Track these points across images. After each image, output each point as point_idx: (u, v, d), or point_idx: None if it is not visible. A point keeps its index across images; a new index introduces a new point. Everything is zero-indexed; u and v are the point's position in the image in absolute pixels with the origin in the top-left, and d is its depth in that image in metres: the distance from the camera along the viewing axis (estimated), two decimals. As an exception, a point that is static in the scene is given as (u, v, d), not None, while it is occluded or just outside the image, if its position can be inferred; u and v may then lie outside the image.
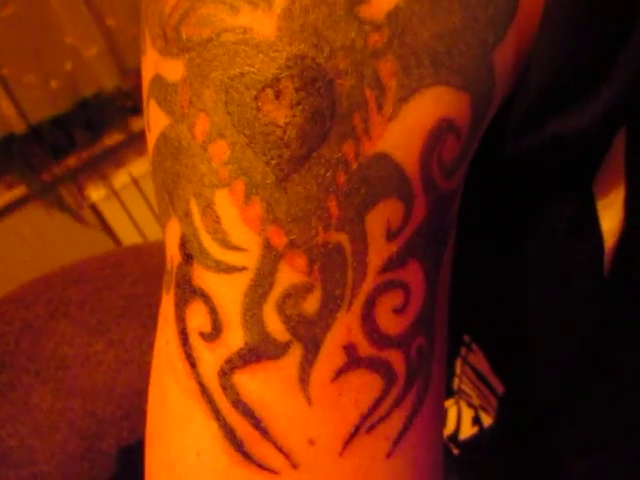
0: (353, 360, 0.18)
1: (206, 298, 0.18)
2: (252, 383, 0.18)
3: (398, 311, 0.19)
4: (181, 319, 0.19)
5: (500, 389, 0.35)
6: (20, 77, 1.21)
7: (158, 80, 0.18)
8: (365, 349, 0.18)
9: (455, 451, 0.42)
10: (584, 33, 0.19)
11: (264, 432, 0.18)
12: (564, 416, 0.35)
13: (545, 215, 0.25)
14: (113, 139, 1.38)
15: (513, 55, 0.19)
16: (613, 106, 0.20)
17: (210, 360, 0.18)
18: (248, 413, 0.18)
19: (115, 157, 1.42)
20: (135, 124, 1.40)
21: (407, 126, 0.17)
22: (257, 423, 0.18)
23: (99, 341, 0.80)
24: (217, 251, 0.18)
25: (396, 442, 0.19)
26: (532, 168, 0.23)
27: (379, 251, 0.18)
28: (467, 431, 0.41)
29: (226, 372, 0.18)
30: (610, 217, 0.24)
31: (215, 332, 0.18)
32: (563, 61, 0.19)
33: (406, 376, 0.19)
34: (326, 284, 0.18)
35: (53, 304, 0.79)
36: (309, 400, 0.18)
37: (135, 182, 1.43)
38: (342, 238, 0.17)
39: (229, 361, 0.18)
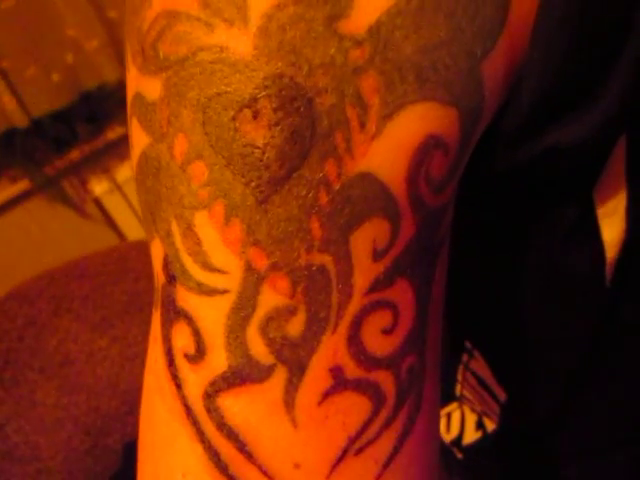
0: (340, 382, 0.18)
1: (189, 320, 0.18)
2: (236, 406, 0.18)
3: (386, 332, 0.18)
4: (167, 339, 0.19)
5: (502, 396, 0.35)
6: (21, 70, 1.21)
7: (139, 98, 0.18)
8: (352, 371, 0.18)
9: (459, 455, 0.42)
10: (579, 42, 0.18)
11: (249, 455, 0.18)
12: (564, 422, 0.35)
13: (545, 224, 0.24)
14: (116, 132, 1.37)
15: (504, 66, 0.18)
16: (610, 116, 0.19)
17: (194, 382, 0.18)
18: (232, 436, 0.18)
19: (118, 150, 1.41)
20: (137, 117, 1.39)
21: (392, 144, 0.17)
22: (242, 446, 0.18)
23: (103, 337, 0.80)
24: (199, 273, 0.17)
25: (386, 465, 0.19)
26: (529, 178, 0.23)
27: (365, 272, 0.17)
28: (471, 436, 0.40)
29: (210, 395, 0.18)
30: (611, 226, 0.24)
31: (199, 354, 0.18)
32: (558, 71, 0.19)
33: (396, 397, 0.19)
34: (310, 306, 0.17)
35: (57, 300, 0.79)
36: (294, 423, 0.18)
37: (138, 175, 1.43)
38: (326, 259, 0.17)
39: (213, 384, 0.18)
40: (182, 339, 0.18)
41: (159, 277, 0.19)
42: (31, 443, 0.75)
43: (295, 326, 0.17)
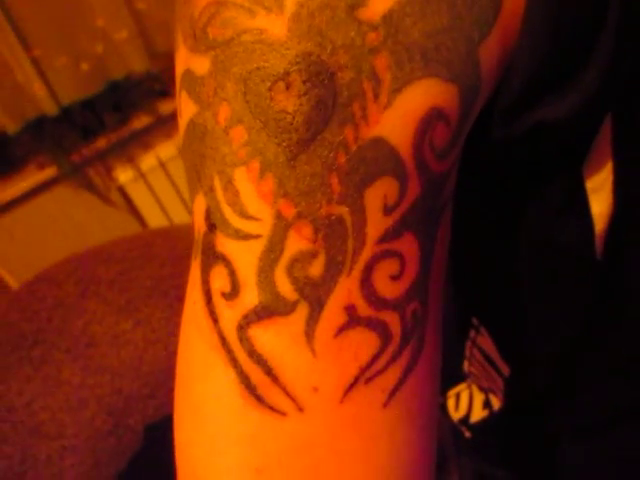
0: (353, 319, 0.20)
1: (227, 262, 0.20)
2: (265, 336, 0.20)
3: (394, 278, 0.21)
4: (206, 281, 0.21)
5: (506, 371, 0.37)
6: (52, 59, 1.23)
7: (188, 74, 0.21)
8: (364, 310, 0.20)
9: (467, 434, 0.43)
10: (562, 28, 0.21)
11: (274, 379, 0.20)
12: (564, 397, 0.36)
13: (537, 199, 0.27)
14: (141, 122, 1.39)
15: (498, 50, 0.21)
16: (590, 95, 0.22)
17: (230, 316, 0.21)
18: (261, 362, 0.20)
19: (143, 140, 1.43)
20: (163, 107, 1.41)
21: (400, 113, 0.19)
22: (269, 371, 0.20)
23: (127, 320, 0.82)
24: (236, 221, 0.20)
25: (392, 394, 0.21)
26: (520, 153, 0.25)
27: (376, 224, 0.20)
28: (478, 414, 0.42)
29: (243, 326, 0.20)
30: (599, 201, 0.26)
31: (234, 292, 0.20)
32: (544, 56, 0.21)
33: (401, 336, 0.21)
34: (329, 251, 0.20)
35: (84, 283, 0.81)
36: (314, 353, 0.20)
37: (162, 165, 1.45)
38: (343, 211, 0.19)
39: (245, 317, 0.20)
40: (220, 280, 0.21)
41: (200, 228, 0.21)
42: (57, 421, 0.77)
43: (316, 268, 0.20)
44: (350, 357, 0.20)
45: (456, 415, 0.43)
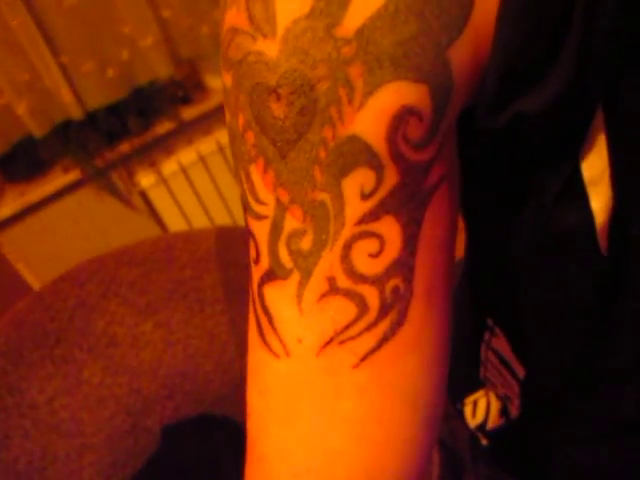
0: (333, 289, 0.24)
1: (253, 236, 0.26)
2: (271, 293, 0.26)
3: (373, 256, 0.24)
4: (248, 252, 0.27)
5: (521, 373, 0.38)
6: (79, 65, 1.26)
7: (224, 87, 0.26)
8: (343, 282, 0.24)
9: (484, 441, 0.43)
10: (533, 28, 0.23)
11: (274, 327, 0.26)
12: (579, 403, 0.37)
13: (534, 191, 0.29)
14: (164, 127, 1.41)
15: (471, 50, 0.24)
16: (564, 86, 0.24)
17: (255, 276, 0.26)
18: (267, 313, 0.26)
19: (165, 145, 1.45)
20: (185, 113, 1.43)
21: (373, 113, 0.22)
22: (271, 320, 0.26)
23: (147, 322, 0.83)
24: (254, 204, 0.25)
25: (363, 358, 0.25)
26: (507, 144, 0.27)
27: (355, 208, 0.24)
28: (494, 421, 0.42)
29: (260, 285, 0.26)
30: (598, 194, 0.27)
31: (257, 259, 0.26)
32: (516, 50, 0.23)
33: (379, 308, 0.25)
34: (315, 229, 0.24)
35: (105, 284, 0.82)
36: (301, 311, 0.25)
37: (183, 170, 1.47)
38: (325, 197, 0.23)
39: (261, 277, 0.26)
40: (252, 250, 0.26)
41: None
42: (77, 419, 0.78)
43: (306, 243, 0.24)
44: (328, 320, 0.25)
45: (473, 422, 0.44)
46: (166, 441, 0.83)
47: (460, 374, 0.43)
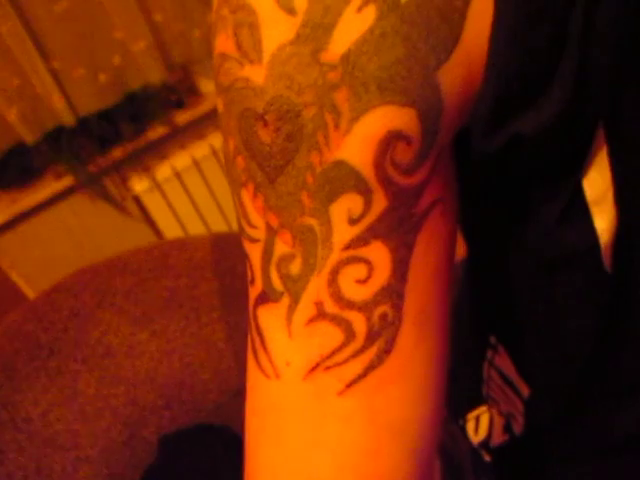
0: (320, 314, 0.24)
1: (248, 258, 0.26)
2: (264, 315, 0.26)
3: (361, 281, 0.24)
4: (246, 273, 0.27)
5: (525, 392, 0.37)
6: (70, 71, 1.24)
7: (217, 111, 0.25)
8: (330, 307, 0.24)
9: (486, 457, 0.43)
10: (528, 48, 0.23)
11: (265, 348, 0.26)
12: (583, 420, 0.36)
13: (536, 211, 0.28)
14: (157, 132, 1.40)
15: (462, 72, 0.23)
16: (562, 106, 0.23)
17: (251, 297, 0.26)
18: (260, 334, 0.26)
19: (158, 150, 1.44)
20: (178, 118, 1.42)
21: (359, 138, 0.22)
22: (263, 342, 0.26)
23: (143, 331, 0.82)
24: (247, 228, 0.25)
25: (349, 385, 0.25)
26: (505, 165, 0.27)
27: (342, 233, 0.23)
28: (498, 438, 0.42)
29: (254, 306, 0.26)
30: (602, 213, 0.27)
31: (252, 280, 0.26)
32: (512, 71, 0.23)
33: (366, 335, 0.24)
34: (304, 254, 0.24)
35: (100, 293, 0.81)
36: (290, 335, 0.25)
37: (177, 175, 1.46)
38: (313, 222, 0.23)
39: (255, 299, 0.26)
40: (248, 271, 0.26)
41: None
42: (72, 431, 0.77)
43: (295, 267, 0.24)
44: (315, 345, 0.24)
45: (476, 438, 0.43)
46: (163, 452, 0.82)
47: (461, 390, 0.43)
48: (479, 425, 0.43)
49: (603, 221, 0.27)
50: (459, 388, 0.41)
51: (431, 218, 0.24)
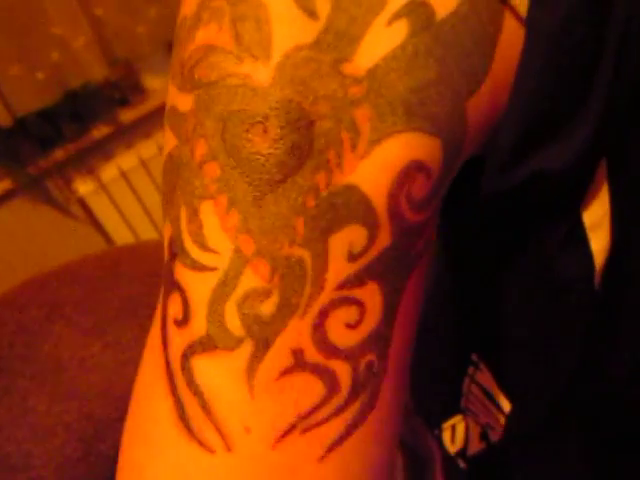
0: (299, 364, 0.20)
1: (181, 291, 0.21)
2: (205, 368, 0.20)
3: (350, 326, 0.20)
4: (164, 307, 0.22)
5: (507, 407, 0.36)
6: (5, 69, 1.18)
7: (173, 110, 0.22)
8: (312, 356, 0.20)
9: (462, 465, 0.43)
10: (555, 84, 0.21)
11: (208, 413, 0.20)
12: (564, 430, 0.36)
13: (537, 239, 0.27)
14: (101, 132, 1.35)
15: (488, 104, 0.21)
16: (587, 143, 0.22)
17: (177, 343, 0.21)
18: (198, 394, 0.20)
19: (103, 150, 1.39)
20: (123, 116, 1.37)
21: (378, 164, 0.20)
22: (204, 404, 0.20)
23: (95, 343, 0.79)
24: (195, 251, 0.20)
25: (330, 449, 0.21)
26: (519, 200, 0.25)
27: (338, 270, 0.20)
28: (475, 446, 0.42)
29: (187, 355, 0.21)
30: (598, 238, 0.26)
31: (184, 320, 0.21)
32: (540, 103, 0.22)
33: (351, 388, 0.21)
34: (284, 292, 0.20)
35: (49, 306, 0.78)
36: (252, 392, 0.20)
37: (124, 175, 1.41)
38: (305, 254, 0.20)
39: (191, 346, 0.20)
40: (174, 307, 0.21)
41: (165, 255, 0.22)
42: (23, 451, 0.74)
43: (267, 307, 0.20)
44: (289, 402, 0.20)
45: (453, 448, 0.43)
46: (122, 466, 0.79)
47: (436, 401, 0.43)
48: (455, 435, 0.43)
49: (597, 244, 0.26)
50: (434, 399, 0.41)
51: (421, 262, 0.22)
